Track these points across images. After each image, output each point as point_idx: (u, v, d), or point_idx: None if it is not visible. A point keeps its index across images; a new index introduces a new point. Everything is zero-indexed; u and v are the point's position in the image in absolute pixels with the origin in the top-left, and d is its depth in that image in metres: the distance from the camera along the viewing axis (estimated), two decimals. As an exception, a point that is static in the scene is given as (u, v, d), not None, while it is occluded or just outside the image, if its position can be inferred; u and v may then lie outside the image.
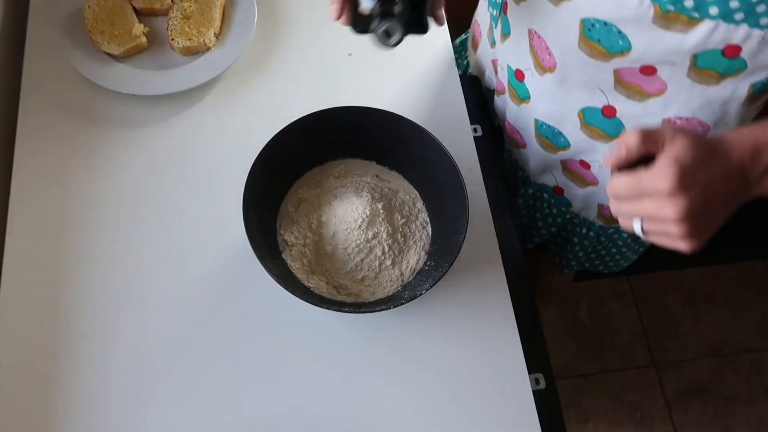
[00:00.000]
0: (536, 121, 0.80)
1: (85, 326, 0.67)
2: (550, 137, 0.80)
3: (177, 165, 0.77)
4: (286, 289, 0.60)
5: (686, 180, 0.42)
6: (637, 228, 0.48)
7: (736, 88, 0.60)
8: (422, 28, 0.59)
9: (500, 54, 0.82)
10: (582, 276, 1.46)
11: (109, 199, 0.74)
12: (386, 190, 0.74)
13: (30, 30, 0.82)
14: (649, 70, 0.62)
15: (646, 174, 0.44)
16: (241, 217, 0.63)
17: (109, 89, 0.77)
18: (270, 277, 0.60)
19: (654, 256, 1.58)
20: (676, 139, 0.44)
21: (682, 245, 0.46)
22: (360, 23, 0.59)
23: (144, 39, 0.80)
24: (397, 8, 0.55)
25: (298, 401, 0.66)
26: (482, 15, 0.88)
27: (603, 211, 0.88)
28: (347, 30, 0.88)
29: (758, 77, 0.59)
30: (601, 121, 0.72)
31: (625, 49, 0.60)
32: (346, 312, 0.63)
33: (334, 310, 0.62)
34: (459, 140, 0.81)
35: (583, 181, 0.85)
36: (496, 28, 0.80)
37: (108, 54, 0.79)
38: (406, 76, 0.86)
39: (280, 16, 0.88)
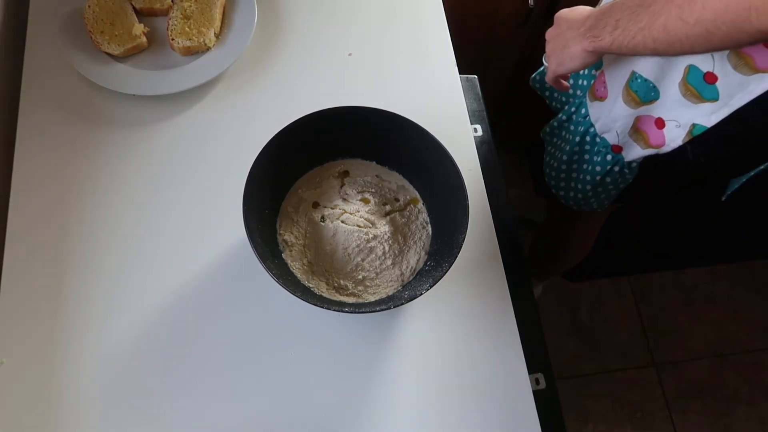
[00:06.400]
0: (633, 73, 0.78)
1: (84, 325, 0.67)
2: (640, 92, 0.78)
3: (177, 165, 0.77)
4: (286, 289, 0.60)
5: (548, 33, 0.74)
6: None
7: None
8: None
9: None
10: (582, 276, 1.46)
11: (109, 199, 0.74)
12: (386, 190, 0.74)
13: (30, 30, 0.82)
14: None
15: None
16: (241, 217, 0.63)
17: (109, 89, 0.77)
18: (270, 277, 0.60)
19: (654, 257, 1.58)
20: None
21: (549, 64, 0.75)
22: None
23: (144, 39, 0.80)
24: None
25: (297, 401, 0.66)
26: None
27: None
28: (347, 30, 0.89)
29: None
30: (700, 84, 0.71)
31: None
32: (346, 312, 0.63)
33: (334, 310, 0.62)
34: (459, 140, 0.81)
35: (646, 142, 0.82)
36: None
37: (108, 54, 0.79)
38: (406, 76, 0.86)
39: (280, 16, 0.88)
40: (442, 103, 0.84)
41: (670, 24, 0.55)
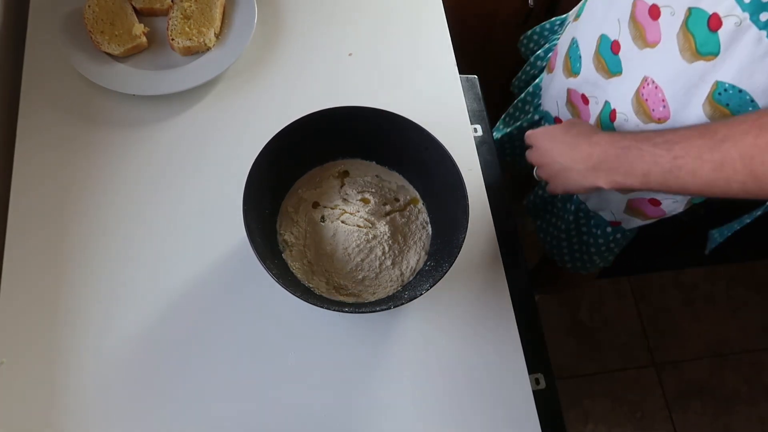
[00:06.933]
0: (573, 39, 0.80)
1: (85, 325, 0.67)
2: (573, 59, 0.80)
3: (177, 165, 0.77)
4: (286, 289, 0.60)
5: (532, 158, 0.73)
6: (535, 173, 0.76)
7: (704, 77, 0.61)
8: None
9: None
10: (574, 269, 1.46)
11: (109, 199, 0.74)
12: (386, 190, 0.74)
13: (30, 30, 0.82)
14: (654, 12, 0.63)
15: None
16: (241, 217, 0.63)
17: (109, 89, 0.77)
18: (270, 277, 0.60)
19: (654, 256, 1.57)
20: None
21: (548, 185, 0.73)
22: None
23: (144, 39, 0.80)
24: None
25: (298, 401, 0.66)
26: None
27: None
28: (347, 30, 0.89)
29: (724, 76, 0.59)
30: (608, 55, 0.72)
31: None
32: (346, 312, 0.63)
33: (334, 310, 0.62)
34: (459, 140, 0.81)
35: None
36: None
37: (108, 54, 0.79)
38: (406, 76, 0.86)
39: (280, 16, 0.88)
40: (442, 103, 0.84)
41: (735, 190, 0.54)
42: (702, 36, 0.59)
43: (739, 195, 0.54)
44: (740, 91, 0.58)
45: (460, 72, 0.87)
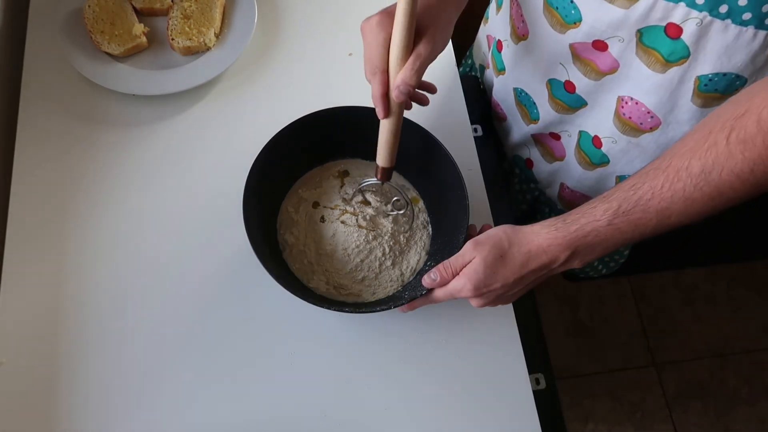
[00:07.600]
0: (515, 89, 0.82)
1: (84, 326, 0.67)
2: (528, 107, 0.82)
3: (177, 165, 0.77)
4: (287, 289, 0.60)
5: (479, 290, 0.58)
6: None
7: (683, 79, 0.61)
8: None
9: (492, 28, 0.86)
10: (574, 276, 1.47)
11: (109, 199, 0.74)
12: (386, 189, 0.74)
13: (30, 30, 0.82)
14: (600, 45, 0.64)
15: (455, 284, 0.60)
16: (242, 217, 0.63)
17: (109, 89, 0.77)
18: (270, 277, 0.60)
19: (654, 256, 1.57)
20: (473, 258, 0.58)
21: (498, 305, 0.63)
22: None
23: (144, 39, 0.80)
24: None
25: (298, 401, 0.66)
26: None
27: (563, 191, 0.89)
28: (347, 30, 0.89)
29: (703, 70, 0.59)
30: (564, 95, 0.74)
31: (577, 20, 0.63)
32: (346, 312, 0.63)
33: (334, 310, 0.62)
34: (459, 140, 0.81)
35: (552, 156, 0.86)
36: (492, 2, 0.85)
37: (108, 54, 0.79)
38: (406, 76, 0.85)
39: (281, 16, 0.88)
40: (442, 103, 0.84)
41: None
42: (666, 47, 0.59)
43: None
44: (724, 74, 0.59)
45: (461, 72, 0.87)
